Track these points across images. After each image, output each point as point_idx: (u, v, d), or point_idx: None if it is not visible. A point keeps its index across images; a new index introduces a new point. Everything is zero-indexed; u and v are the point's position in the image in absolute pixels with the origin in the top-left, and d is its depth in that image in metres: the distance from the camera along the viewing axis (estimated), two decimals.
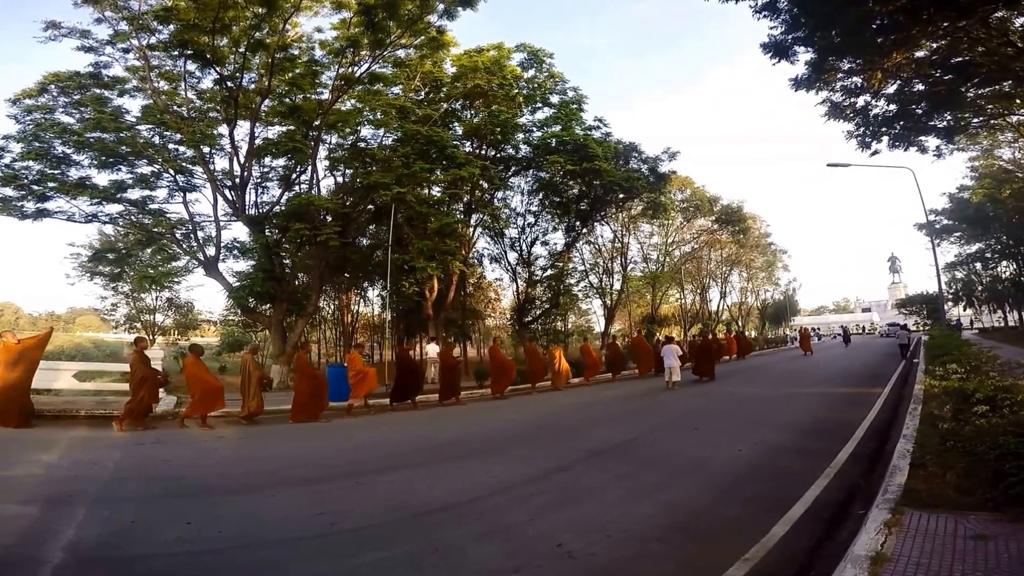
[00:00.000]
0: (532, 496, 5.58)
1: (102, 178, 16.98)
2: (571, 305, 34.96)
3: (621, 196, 26.33)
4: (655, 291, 37.64)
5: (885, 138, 16.15)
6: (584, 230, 29.01)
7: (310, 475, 6.61)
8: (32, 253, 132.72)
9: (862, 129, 16.07)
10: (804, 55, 13.56)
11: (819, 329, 63.97)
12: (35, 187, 15.46)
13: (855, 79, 14.56)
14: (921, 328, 53.52)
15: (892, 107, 15.36)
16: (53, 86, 16.04)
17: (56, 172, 15.92)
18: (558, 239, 29.46)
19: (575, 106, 23.62)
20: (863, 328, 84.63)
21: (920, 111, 15.09)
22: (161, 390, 12.44)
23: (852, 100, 15.38)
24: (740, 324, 51.73)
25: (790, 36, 12.85)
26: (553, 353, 17.70)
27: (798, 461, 6.81)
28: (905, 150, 16.59)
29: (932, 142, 16.64)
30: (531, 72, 23.39)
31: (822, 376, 18.29)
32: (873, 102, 15.46)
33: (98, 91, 16.41)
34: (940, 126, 15.89)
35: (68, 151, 16.12)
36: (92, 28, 15.56)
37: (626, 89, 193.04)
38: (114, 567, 3.75)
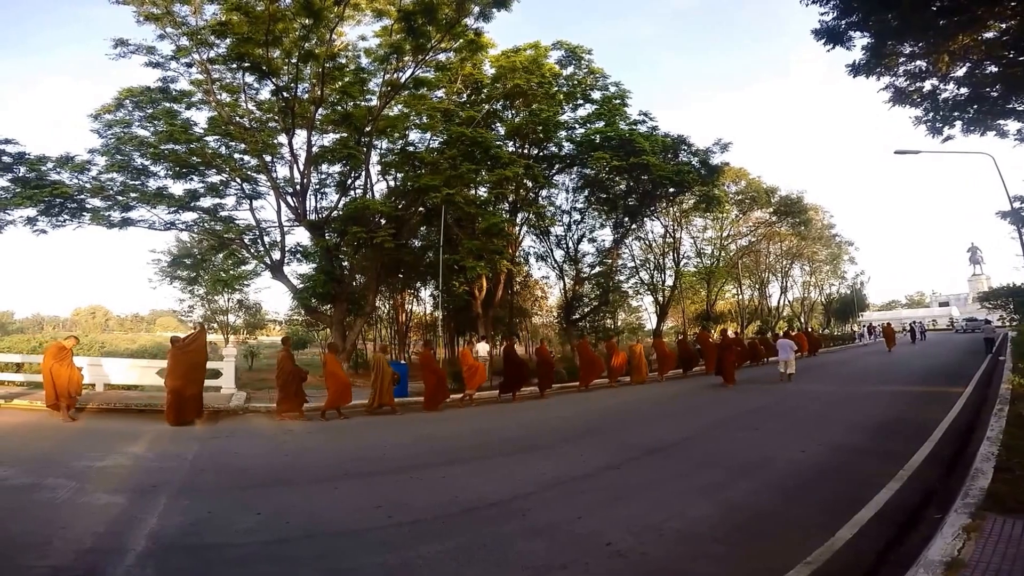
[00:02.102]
0: (582, 493, 5.59)
1: (177, 188, 18.07)
2: (621, 302, 34.46)
3: (671, 190, 25.65)
4: (710, 287, 36.51)
5: (958, 123, 14.90)
6: (633, 226, 28.49)
7: (370, 468, 6.87)
8: (119, 260, 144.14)
9: (931, 115, 14.90)
10: (860, 40, 12.76)
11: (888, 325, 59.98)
12: (119, 198, 16.59)
13: (919, 63, 13.55)
14: (1008, 323, 49.28)
15: (963, 90, 14.14)
16: (128, 101, 17.14)
17: (137, 183, 17.03)
18: (606, 235, 29.08)
19: (618, 101, 23.22)
20: (949, 323, 78.45)
21: (995, 94, 13.85)
22: (232, 386, 13.29)
23: (918, 85, 14.31)
24: (803, 320, 49.41)
25: (843, 21, 12.14)
26: (634, 350, 18.39)
27: (869, 462, 6.53)
28: (982, 135, 15.25)
29: (1012, 125, 15.08)
30: (570, 69, 23.18)
31: (897, 374, 17.30)
32: (941, 86, 14.30)
33: (167, 105, 17.41)
34: (1020, 109, 14.54)
35: (146, 163, 17.20)
36: (156, 44, 16.57)
37: (677, 86, 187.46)
38: (192, 556, 4.02)
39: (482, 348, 18.11)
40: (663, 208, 29.48)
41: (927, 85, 14.31)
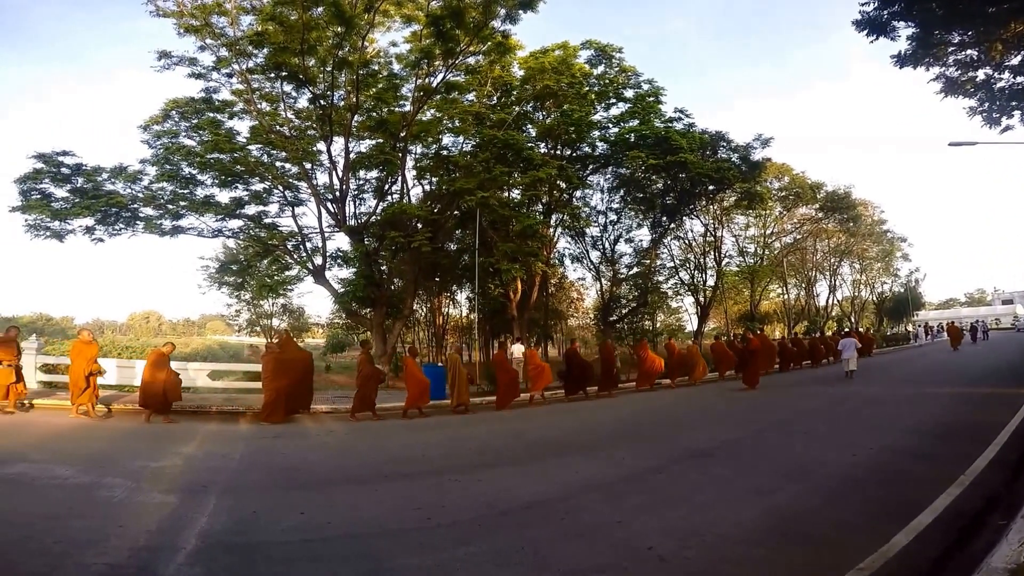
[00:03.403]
0: (623, 496, 5.50)
1: (223, 196, 18.83)
2: (660, 303, 33.94)
3: (711, 188, 25.15)
4: (754, 286, 35.50)
5: (1017, 112, 14.05)
6: (671, 225, 28.06)
7: (409, 470, 6.93)
8: (170, 266, 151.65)
9: (986, 104, 14.08)
10: (906, 30, 12.21)
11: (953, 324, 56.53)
12: (170, 206, 17.38)
13: (969, 52, 12.87)
14: None
15: (1020, 79, 13.34)
16: (174, 112, 17.89)
17: (185, 192, 17.79)
18: (643, 235, 28.77)
19: (652, 99, 22.97)
20: (1014, 322, 73.46)
21: None
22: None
23: (970, 74, 13.57)
24: (853, 320, 47.46)
25: (886, 11, 11.63)
26: (691, 350, 18.71)
27: (927, 467, 6.20)
28: None
29: None
30: (600, 68, 23.02)
31: (958, 375, 16.42)
32: (996, 75, 13.50)
33: (211, 115, 18.10)
34: None
35: (193, 172, 17.94)
36: (197, 56, 17.27)
37: (716, 85, 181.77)
38: (238, 554, 4.12)
39: (517, 350, 18.10)
40: (703, 206, 28.91)
41: (980, 74, 13.61)
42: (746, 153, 24.54)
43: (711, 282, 31.54)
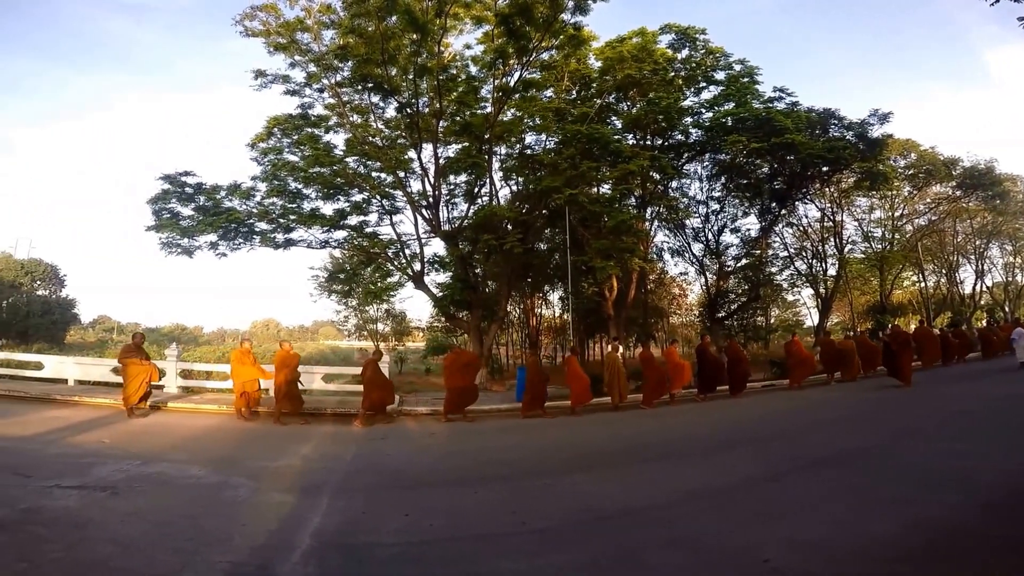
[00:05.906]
0: (732, 505, 5.14)
1: (327, 208, 19.88)
2: (774, 297, 31.56)
3: (825, 169, 22.91)
4: (883, 274, 31.93)
5: None
6: (782, 211, 25.95)
7: (507, 472, 6.95)
8: (284, 276, 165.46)
9: None
10: None
11: None
12: (281, 220, 18.65)
13: None
14: None
15: None
16: (276, 129, 19.09)
17: (293, 206, 19.00)
18: (751, 224, 26.89)
19: (746, 79, 21.43)
20: None
21: None
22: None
23: None
24: (1008, 309, 41.11)
25: None
26: (845, 345, 17.58)
27: None
28: None
29: None
30: (685, 52, 21.74)
31: None
32: None
33: (309, 130, 19.12)
34: None
35: (299, 186, 19.14)
36: (289, 73, 18.27)
37: (825, 62, 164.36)
38: (348, 554, 4.29)
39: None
40: (817, 189, 26.44)
41: None
42: (862, 130, 22.10)
43: (832, 272, 28.83)
